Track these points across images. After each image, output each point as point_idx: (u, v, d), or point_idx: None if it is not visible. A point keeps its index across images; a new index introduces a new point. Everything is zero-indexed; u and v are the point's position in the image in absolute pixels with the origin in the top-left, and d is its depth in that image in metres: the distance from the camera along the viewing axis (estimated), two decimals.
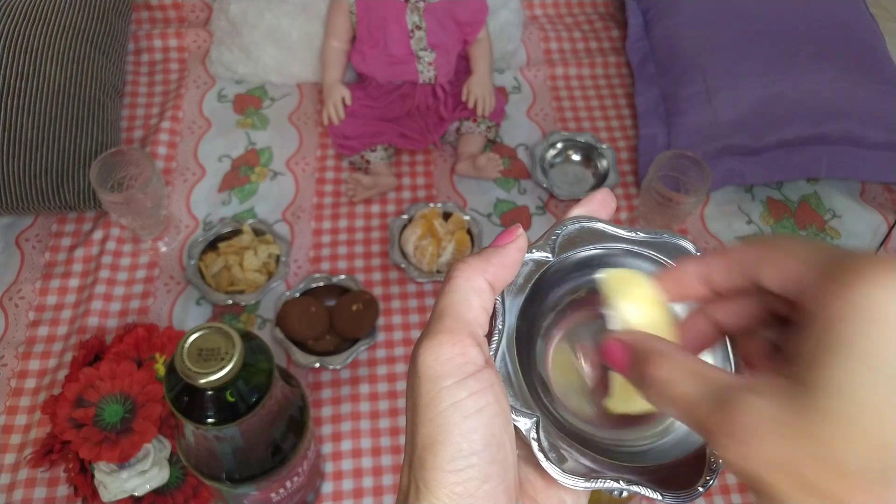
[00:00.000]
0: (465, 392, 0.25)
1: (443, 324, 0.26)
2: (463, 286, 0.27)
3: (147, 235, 0.93)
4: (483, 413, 0.25)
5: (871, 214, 1.04)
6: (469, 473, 0.24)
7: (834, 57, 1.03)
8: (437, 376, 0.25)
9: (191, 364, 0.48)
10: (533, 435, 0.27)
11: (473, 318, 0.26)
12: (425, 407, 0.25)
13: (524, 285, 0.29)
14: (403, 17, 1.00)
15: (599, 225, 0.30)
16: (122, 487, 0.69)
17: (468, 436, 0.24)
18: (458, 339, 0.26)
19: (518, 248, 0.28)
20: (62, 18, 0.99)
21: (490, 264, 0.27)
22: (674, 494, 0.27)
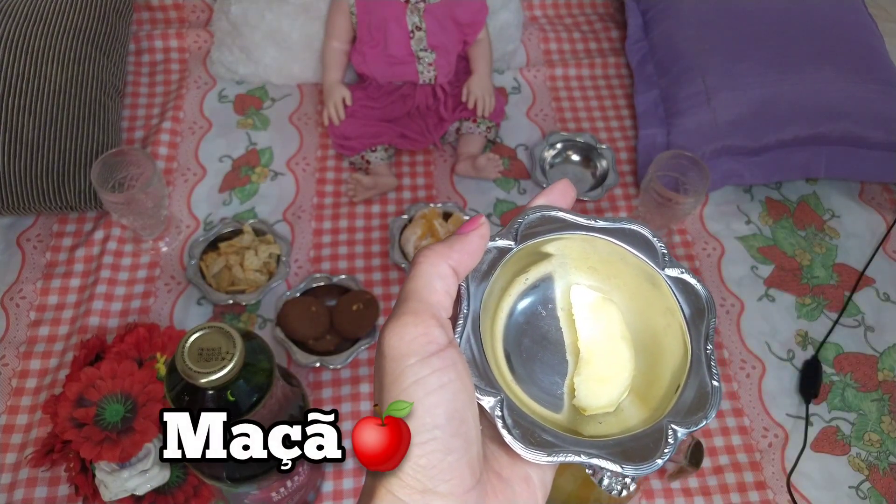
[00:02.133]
0: (429, 369, 0.26)
1: (407, 306, 0.27)
2: (427, 271, 0.28)
3: (148, 235, 0.93)
4: (446, 389, 0.26)
5: (869, 214, 1.04)
6: (432, 446, 0.25)
7: (833, 57, 1.03)
8: (401, 355, 0.26)
9: (192, 364, 0.48)
10: (497, 413, 0.28)
11: (437, 300, 0.28)
12: (391, 384, 0.26)
13: (488, 271, 0.30)
14: (403, 18, 1.01)
15: (559, 213, 0.32)
16: (123, 487, 0.69)
17: (431, 410, 0.25)
18: (421, 320, 0.27)
19: (480, 235, 0.30)
20: (63, 19, 1.00)
21: (453, 251, 0.29)
22: (634, 466, 0.28)
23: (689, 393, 0.29)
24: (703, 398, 0.29)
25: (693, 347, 0.30)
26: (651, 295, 0.32)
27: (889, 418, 0.86)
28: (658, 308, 0.32)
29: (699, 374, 0.30)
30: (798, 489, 0.81)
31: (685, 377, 0.30)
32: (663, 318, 0.31)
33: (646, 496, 0.79)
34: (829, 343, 0.91)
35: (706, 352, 0.30)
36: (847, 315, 0.94)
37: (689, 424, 0.29)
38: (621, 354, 0.31)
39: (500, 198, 1.03)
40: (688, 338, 0.30)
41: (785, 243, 1.00)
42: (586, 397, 0.30)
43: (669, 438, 0.28)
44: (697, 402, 0.29)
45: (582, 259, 0.33)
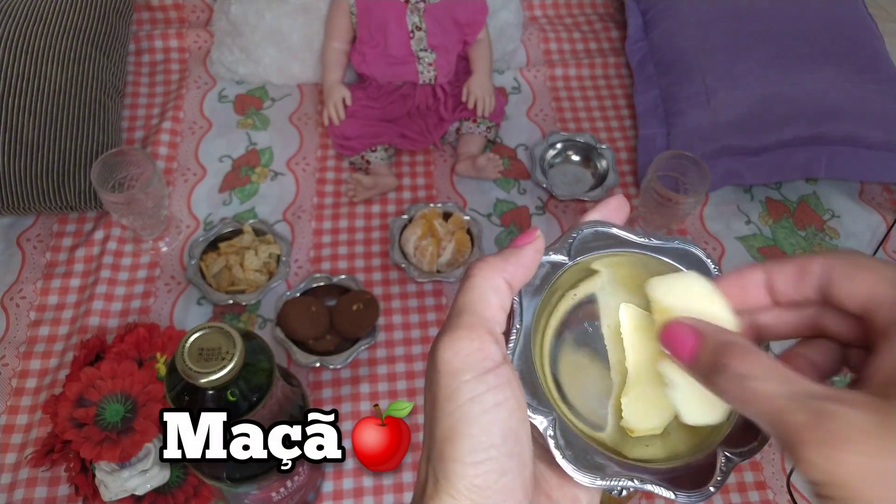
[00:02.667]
0: (485, 387, 0.25)
1: (461, 320, 0.26)
2: (481, 284, 0.27)
3: (148, 235, 0.93)
4: (501, 408, 0.25)
5: (869, 214, 1.04)
6: (488, 466, 0.24)
7: (833, 57, 1.03)
8: (456, 371, 0.25)
9: (192, 364, 0.48)
10: (550, 433, 0.27)
11: (491, 315, 0.27)
12: (445, 400, 0.25)
13: (541, 286, 0.30)
14: (403, 18, 1.01)
15: (613, 230, 0.31)
16: (123, 487, 0.69)
17: (488, 429, 0.25)
18: (476, 335, 0.26)
19: (535, 249, 0.29)
20: (63, 19, 1.00)
21: (508, 264, 0.28)
22: (686, 493, 0.27)
23: (741, 419, 0.29)
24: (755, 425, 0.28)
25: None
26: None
27: None
28: None
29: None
30: (798, 489, 0.81)
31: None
32: None
33: (646, 496, 0.79)
34: None
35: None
36: None
37: (744, 454, 0.28)
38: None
39: (500, 198, 1.03)
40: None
41: (785, 243, 1.00)
42: (634, 418, 0.29)
43: (722, 466, 0.28)
44: (749, 429, 0.28)
45: (633, 277, 0.32)
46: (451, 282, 0.93)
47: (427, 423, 0.27)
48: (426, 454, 0.26)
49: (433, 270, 0.93)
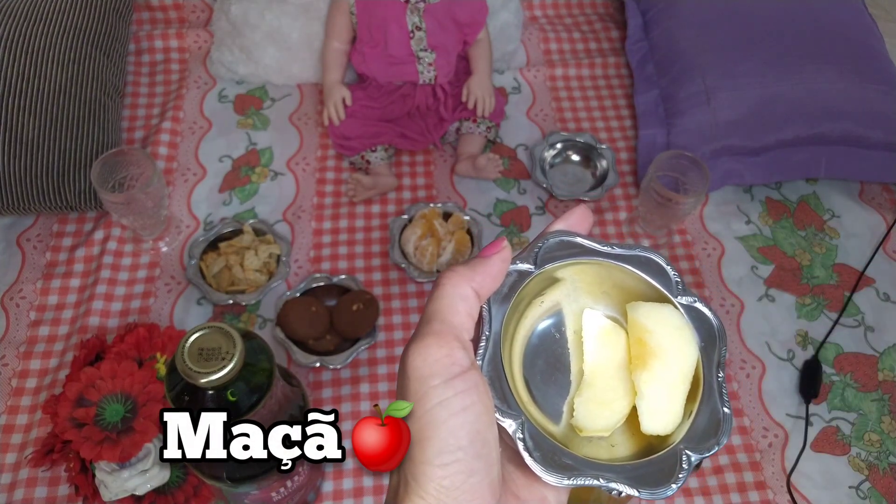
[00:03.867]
0: (452, 391, 0.26)
1: (430, 327, 0.28)
2: (450, 293, 0.28)
3: (148, 235, 0.93)
4: (469, 411, 0.26)
5: (869, 214, 1.04)
6: (455, 468, 0.25)
7: (833, 57, 1.03)
8: (424, 376, 0.26)
9: (192, 364, 0.48)
10: (518, 435, 0.28)
11: (459, 322, 0.28)
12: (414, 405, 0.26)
13: (509, 294, 0.31)
14: (403, 18, 1.01)
15: (578, 239, 0.33)
16: (123, 487, 0.69)
17: (455, 432, 0.26)
18: (444, 342, 0.27)
19: (502, 259, 0.30)
20: (63, 19, 1.00)
21: (476, 273, 0.29)
22: (650, 490, 0.28)
23: (702, 419, 0.30)
24: (715, 425, 0.30)
25: (705, 374, 0.31)
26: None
27: (889, 418, 0.86)
28: None
29: (711, 401, 0.30)
30: (798, 489, 0.81)
31: (697, 404, 0.30)
32: None
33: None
34: (829, 343, 0.91)
35: (718, 379, 0.31)
36: (847, 315, 0.94)
37: (703, 450, 0.29)
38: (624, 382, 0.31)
39: (500, 198, 1.03)
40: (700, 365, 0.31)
41: (785, 243, 1.00)
42: (584, 418, 0.31)
43: (684, 464, 0.29)
44: (709, 429, 0.30)
45: (596, 284, 0.33)
46: None
47: None
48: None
49: (433, 270, 0.93)
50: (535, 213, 1.02)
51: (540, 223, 1.00)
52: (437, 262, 0.93)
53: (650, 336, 0.31)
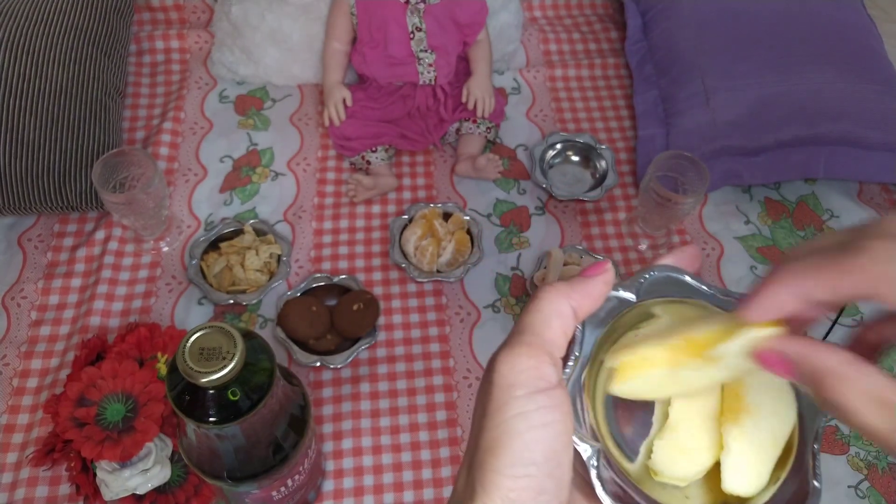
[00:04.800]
0: (535, 405, 0.25)
1: (522, 338, 0.27)
2: (546, 308, 0.28)
3: (149, 235, 0.93)
4: (548, 428, 0.25)
5: (868, 215, 1.04)
6: (526, 483, 0.25)
7: (832, 58, 1.03)
8: (509, 385, 0.26)
9: (192, 363, 0.48)
10: (593, 462, 0.27)
11: (552, 338, 0.27)
12: (494, 412, 0.26)
13: (605, 320, 0.30)
14: (404, 19, 1.01)
15: (685, 277, 0.31)
16: (124, 486, 0.69)
17: (531, 446, 0.25)
18: (534, 354, 0.26)
19: (604, 281, 0.29)
20: (64, 20, 1.00)
21: (575, 292, 0.28)
22: None
23: (787, 489, 0.28)
24: (801, 497, 0.28)
25: (800, 443, 0.29)
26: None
27: None
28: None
29: (801, 471, 0.29)
30: None
31: (786, 471, 0.29)
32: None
33: None
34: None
35: (812, 450, 0.29)
36: (846, 315, 0.94)
37: None
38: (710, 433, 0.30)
39: (500, 198, 1.03)
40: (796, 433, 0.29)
41: (784, 243, 1.01)
42: (661, 462, 0.29)
43: None
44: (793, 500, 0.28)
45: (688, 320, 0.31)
46: (451, 281, 0.93)
47: (473, 433, 0.27)
48: (467, 462, 0.27)
49: (433, 270, 0.93)
50: (534, 213, 1.02)
51: (540, 223, 1.01)
52: (438, 262, 0.93)
53: (747, 391, 0.29)
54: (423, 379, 0.86)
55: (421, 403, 0.84)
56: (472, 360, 0.88)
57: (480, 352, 0.88)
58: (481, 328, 0.90)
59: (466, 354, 0.88)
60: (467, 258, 0.94)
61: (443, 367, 0.87)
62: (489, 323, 0.91)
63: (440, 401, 0.84)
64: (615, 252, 0.98)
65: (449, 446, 0.81)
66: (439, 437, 0.82)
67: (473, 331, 0.90)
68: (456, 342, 0.89)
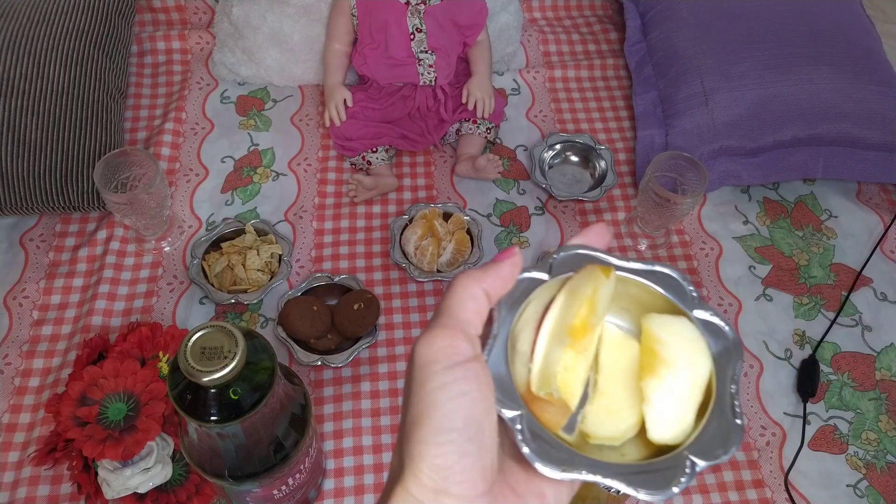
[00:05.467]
0: (452, 377, 0.28)
1: (439, 320, 0.30)
2: (460, 292, 0.30)
3: (150, 235, 0.94)
4: (466, 397, 0.28)
5: (867, 214, 1.04)
6: (448, 448, 0.27)
7: (830, 58, 1.03)
8: (428, 362, 0.28)
9: (194, 362, 0.49)
10: (517, 426, 0.29)
11: (466, 318, 0.30)
12: (416, 388, 0.28)
13: (520, 298, 0.32)
14: (404, 20, 1.01)
15: (594, 253, 0.33)
16: (126, 485, 0.69)
17: (451, 415, 0.27)
18: (449, 334, 0.29)
19: (512, 263, 0.32)
20: (66, 20, 1.00)
21: (487, 275, 0.31)
22: (649, 491, 0.28)
23: (711, 429, 0.30)
24: (725, 435, 0.30)
25: (718, 387, 0.31)
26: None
27: (886, 417, 0.86)
28: None
29: (722, 412, 0.30)
30: (796, 487, 0.81)
31: (707, 414, 0.30)
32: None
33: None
34: (827, 342, 0.91)
35: (731, 391, 0.31)
36: (844, 314, 0.94)
37: (709, 458, 0.29)
38: (635, 392, 0.32)
39: (500, 198, 1.03)
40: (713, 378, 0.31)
41: (782, 243, 1.01)
42: (594, 425, 0.31)
43: (687, 469, 0.29)
44: (718, 438, 0.30)
45: (613, 298, 0.34)
46: None
47: (402, 412, 0.29)
48: (399, 440, 0.29)
49: (433, 270, 0.94)
50: (534, 213, 1.02)
51: (539, 223, 1.01)
52: (438, 262, 0.93)
53: (661, 346, 0.31)
54: None
55: None
56: None
57: None
58: None
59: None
60: (467, 258, 0.95)
61: None
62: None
63: None
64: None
65: None
66: None
67: None
68: None
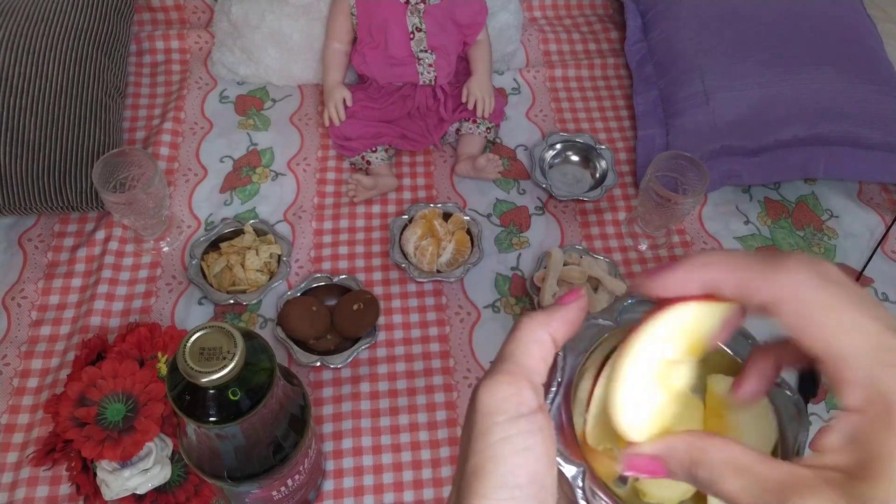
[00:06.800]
0: (516, 430, 0.26)
1: (503, 366, 0.28)
2: (525, 336, 0.29)
3: (149, 235, 0.94)
4: (530, 452, 0.26)
5: (868, 214, 1.04)
6: None
7: (832, 58, 1.03)
8: (491, 412, 0.27)
9: (193, 363, 0.49)
10: (578, 483, 0.28)
11: (531, 365, 0.28)
12: (478, 438, 0.27)
13: (587, 346, 0.31)
14: (404, 19, 1.01)
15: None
16: (125, 486, 0.69)
17: (514, 470, 0.26)
18: (514, 381, 0.27)
19: (580, 307, 0.30)
20: (65, 20, 1.00)
21: (553, 319, 0.29)
22: None
23: None
24: None
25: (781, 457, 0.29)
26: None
27: None
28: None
29: None
30: None
31: None
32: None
33: None
34: None
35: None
36: None
37: None
38: None
39: (500, 198, 1.03)
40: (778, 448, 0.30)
41: (783, 243, 1.01)
42: (650, 484, 0.30)
43: None
44: None
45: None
46: (451, 281, 0.93)
47: (460, 458, 0.28)
48: (456, 487, 0.28)
49: (433, 270, 0.93)
50: (534, 213, 1.02)
51: (539, 223, 1.01)
52: (437, 262, 0.93)
53: (727, 410, 0.30)
54: (423, 379, 0.86)
55: (421, 403, 0.84)
56: (472, 360, 0.88)
57: (480, 352, 0.89)
58: (481, 328, 0.90)
59: (466, 354, 0.88)
60: (467, 258, 0.94)
61: (443, 367, 0.87)
62: (489, 323, 0.91)
63: (440, 400, 0.84)
64: (615, 252, 0.98)
65: (449, 446, 0.81)
66: (439, 437, 0.82)
67: (473, 331, 0.90)
68: (456, 342, 0.89)
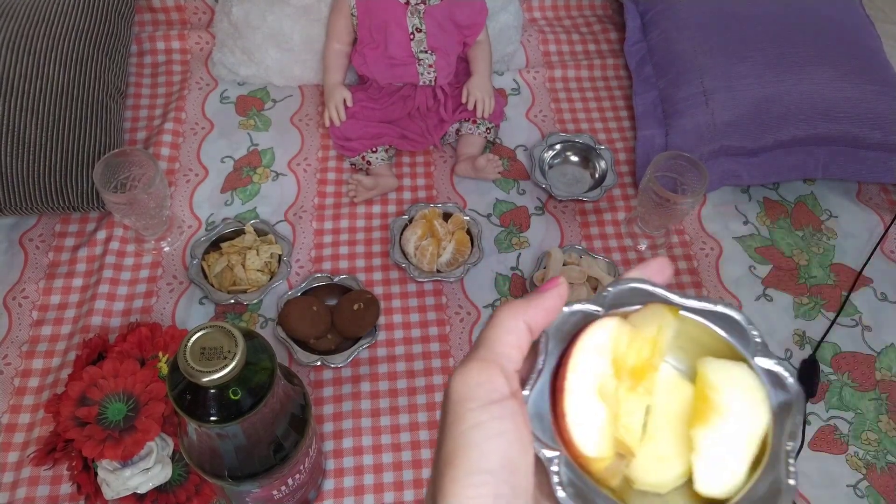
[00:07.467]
0: (488, 416, 0.27)
1: (476, 353, 0.29)
2: (501, 324, 0.29)
3: (150, 235, 0.94)
4: (502, 437, 0.27)
5: (867, 214, 1.04)
6: (482, 490, 0.26)
7: (831, 58, 1.03)
8: (463, 399, 0.27)
9: (194, 363, 0.49)
10: (553, 468, 0.28)
11: (505, 352, 0.29)
12: (451, 425, 0.27)
13: (571, 332, 0.31)
14: (404, 20, 1.01)
15: (652, 288, 0.31)
16: (125, 485, 0.69)
17: (486, 455, 0.26)
18: (486, 367, 0.28)
19: (557, 294, 0.30)
20: (65, 20, 1.00)
21: (530, 307, 0.29)
22: None
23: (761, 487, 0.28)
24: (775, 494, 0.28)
25: (773, 442, 0.29)
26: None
27: (886, 417, 0.86)
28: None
29: (775, 470, 0.28)
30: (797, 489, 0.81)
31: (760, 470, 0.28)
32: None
33: None
34: (827, 342, 0.91)
35: (786, 449, 0.28)
36: (845, 315, 0.94)
37: None
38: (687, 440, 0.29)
39: (500, 198, 1.03)
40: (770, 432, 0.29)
41: (783, 243, 1.01)
42: (640, 471, 0.30)
43: None
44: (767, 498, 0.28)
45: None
46: (451, 281, 0.93)
47: (436, 447, 0.28)
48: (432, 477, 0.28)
49: (433, 270, 0.93)
50: (534, 213, 1.02)
51: (539, 223, 1.01)
52: (438, 262, 0.93)
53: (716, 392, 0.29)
54: (423, 378, 0.86)
55: (421, 403, 0.84)
56: None
57: None
58: (481, 328, 0.90)
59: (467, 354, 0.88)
60: (467, 258, 0.94)
61: (443, 367, 0.87)
62: None
63: (440, 400, 0.84)
64: (614, 252, 0.98)
65: None
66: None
67: (473, 330, 0.90)
68: (456, 342, 0.89)
